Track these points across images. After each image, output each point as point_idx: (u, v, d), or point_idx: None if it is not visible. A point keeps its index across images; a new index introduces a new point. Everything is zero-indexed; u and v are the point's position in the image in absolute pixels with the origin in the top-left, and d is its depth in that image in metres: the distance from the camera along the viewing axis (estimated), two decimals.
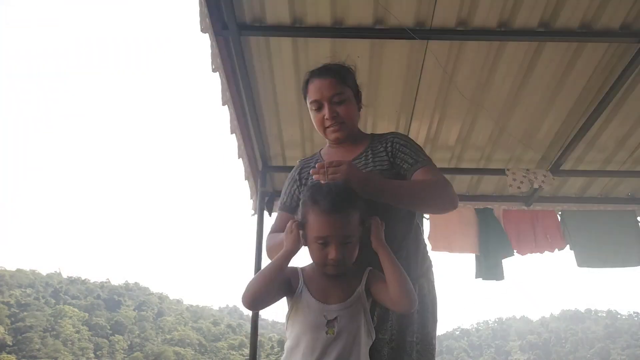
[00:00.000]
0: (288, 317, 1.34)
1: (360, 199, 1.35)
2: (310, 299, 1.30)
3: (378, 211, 1.46)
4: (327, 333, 1.25)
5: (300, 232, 1.34)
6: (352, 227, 1.30)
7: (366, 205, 1.36)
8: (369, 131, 3.84)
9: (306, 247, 1.36)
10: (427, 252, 1.68)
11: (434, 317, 1.60)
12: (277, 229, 1.66)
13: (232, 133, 3.55)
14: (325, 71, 1.64)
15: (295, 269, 1.38)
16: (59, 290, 55.52)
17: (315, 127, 1.68)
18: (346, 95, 1.62)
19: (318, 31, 2.92)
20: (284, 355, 1.34)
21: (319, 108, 1.62)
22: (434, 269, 1.69)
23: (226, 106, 3.24)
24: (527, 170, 4.00)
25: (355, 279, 1.35)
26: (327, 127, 1.63)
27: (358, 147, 1.67)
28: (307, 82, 1.68)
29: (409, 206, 1.52)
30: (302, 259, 1.40)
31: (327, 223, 1.27)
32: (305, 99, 1.70)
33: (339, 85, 1.61)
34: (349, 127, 1.64)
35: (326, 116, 1.60)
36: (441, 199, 1.49)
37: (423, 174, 1.52)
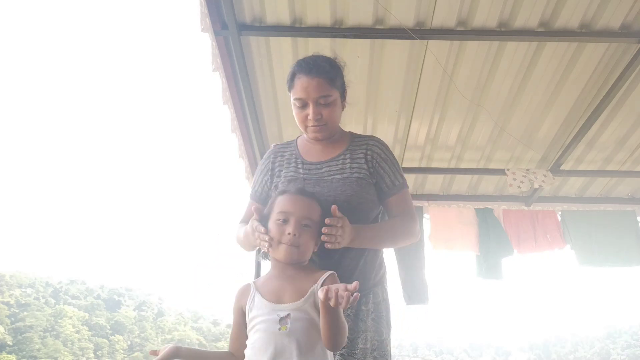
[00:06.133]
0: (249, 329, 1.36)
1: (322, 205, 1.44)
2: (262, 301, 1.34)
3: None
4: (280, 329, 1.27)
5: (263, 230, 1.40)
6: (312, 212, 1.40)
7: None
8: (369, 131, 3.89)
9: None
10: (383, 260, 1.69)
11: (388, 323, 1.60)
12: (245, 218, 1.69)
13: (232, 133, 3.55)
14: (315, 69, 1.56)
15: (247, 285, 1.43)
16: (59, 290, 55.47)
17: (296, 121, 1.65)
18: (333, 97, 1.58)
19: (318, 31, 2.92)
20: None
21: (303, 106, 1.58)
22: (387, 275, 1.72)
23: (226, 106, 3.24)
24: (527, 170, 4.00)
25: (310, 280, 1.35)
26: (308, 126, 1.60)
27: (336, 147, 1.66)
28: (293, 76, 1.60)
29: (385, 247, 1.65)
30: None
31: (290, 200, 1.41)
32: (289, 90, 1.64)
33: (327, 87, 1.56)
34: (331, 129, 1.63)
35: (310, 116, 1.57)
36: (409, 238, 1.61)
37: (397, 201, 1.61)
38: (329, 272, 1.36)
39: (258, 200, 1.68)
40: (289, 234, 1.34)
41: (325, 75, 1.57)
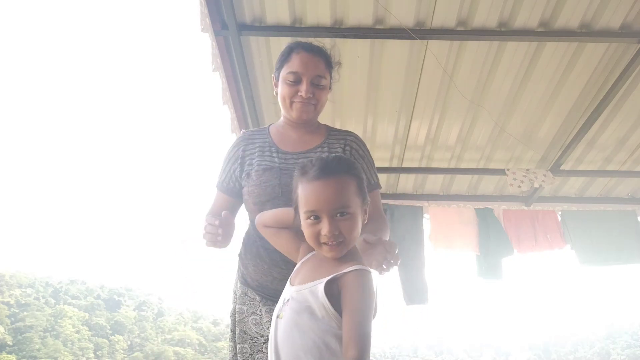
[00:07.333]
0: None
1: (359, 168, 1.23)
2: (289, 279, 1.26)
3: None
4: (278, 317, 1.18)
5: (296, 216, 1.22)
6: (346, 195, 1.14)
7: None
8: (369, 131, 3.88)
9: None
10: None
11: None
12: (214, 210, 1.60)
13: (232, 133, 3.56)
14: (317, 49, 1.60)
15: (307, 249, 1.28)
16: (59, 290, 55.42)
17: (280, 98, 1.62)
18: (327, 82, 1.60)
19: (318, 31, 2.92)
20: None
21: (295, 81, 1.56)
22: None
23: (226, 106, 3.25)
24: (527, 170, 4.00)
25: (331, 269, 1.14)
26: (296, 102, 1.57)
27: (313, 137, 1.64)
28: (290, 51, 1.60)
29: None
30: None
31: (315, 192, 1.14)
32: (280, 67, 1.62)
33: (325, 69, 1.59)
34: (316, 113, 1.62)
35: (301, 92, 1.55)
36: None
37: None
38: (352, 268, 1.11)
39: (225, 191, 1.63)
40: (325, 234, 1.12)
41: (325, 57, 1.60)
